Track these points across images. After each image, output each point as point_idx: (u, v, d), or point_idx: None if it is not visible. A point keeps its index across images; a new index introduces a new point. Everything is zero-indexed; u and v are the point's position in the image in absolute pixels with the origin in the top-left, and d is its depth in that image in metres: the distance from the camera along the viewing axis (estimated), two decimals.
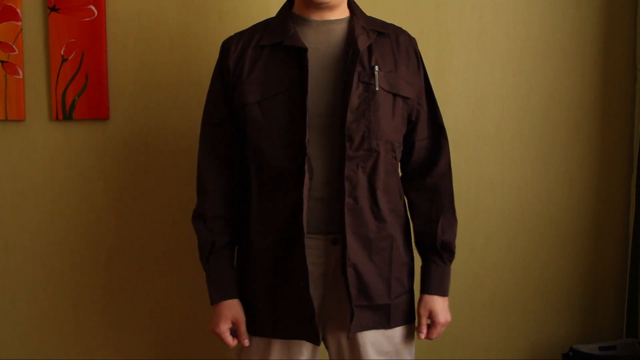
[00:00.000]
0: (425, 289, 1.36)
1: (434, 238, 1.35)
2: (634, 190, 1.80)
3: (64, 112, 1.74)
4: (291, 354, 1.31)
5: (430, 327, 1.36)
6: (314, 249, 1.26)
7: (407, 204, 1.39)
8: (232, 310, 1.31)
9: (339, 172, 1.23)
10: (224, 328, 1.30)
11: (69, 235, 1.80)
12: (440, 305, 1.35)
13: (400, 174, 1.40)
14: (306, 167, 1.21)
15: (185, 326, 1.82)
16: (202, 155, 1.35)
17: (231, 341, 1.31)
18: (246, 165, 1.33)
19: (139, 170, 1.78)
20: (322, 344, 1.33)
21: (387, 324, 1.31)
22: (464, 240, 1.77)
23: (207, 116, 1.37)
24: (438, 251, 1.36)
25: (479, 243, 1.84)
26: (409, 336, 1.37)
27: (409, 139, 1.36)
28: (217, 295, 1.32)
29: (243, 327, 1.31)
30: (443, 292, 1.35)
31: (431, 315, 1.35)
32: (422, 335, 1.35)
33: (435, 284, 1.35)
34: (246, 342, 1.31)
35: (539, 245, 1.86)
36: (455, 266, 1.39)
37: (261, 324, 1.31)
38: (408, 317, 1.35)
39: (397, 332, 1.34)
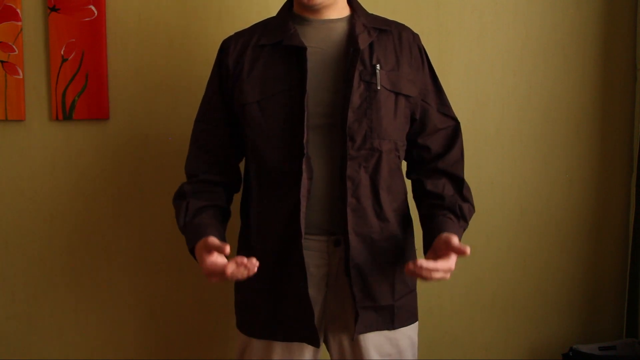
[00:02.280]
0: (445, 230, 1.22)
1: (453, 202, 1.30)
2: (634, 190, 1.80)
3: (64, 112, 1.74)
4: (292, 355, 1.30)
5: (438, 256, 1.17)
6: (315, 250, 1.26)
7: (418, 188, 1.37)
8: (202, 244, 1.15)
9: (341, 172, 1.23)
10: (203, 263, 1.13)
11: (69, 235, 1.79)
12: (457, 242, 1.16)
13: (411, 168, 1.40)
14: (304, 167, 1.20)
15: (185, 326, 1.82)
16: (192, 152, 1.35)
17: (217, 261, 1.11)
18: (246, 165, 1.33)
19: (139, 170, 1.78)
20: (324, 345, 1.33)
21: (391, 325, 1.31)
22: (464, 240, 1.76)
23: (202, 115, 1.36)
24: (456, 213, 1.29)
25: (479, 243, 1.84)
26: (412, 337, 1.36)
27: (418, 138, 1.35)
28: (190, 243, 1.22)
29: (213, 242, 1.12)
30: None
31: (452, 248, 1.15)
32: (431, 257, 1.17)
33: (454, 230, 1.24)
34: (227, 249, 1.10)
35: (539, 245, 1.86)
36: (456, 266, 1.38)
37: (262, 326, 1.30)
38: (411, 318, 1.35)
39: (400, 333, 1.33)
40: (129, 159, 1.78)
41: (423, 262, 1.11)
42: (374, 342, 1.31)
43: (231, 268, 1.10)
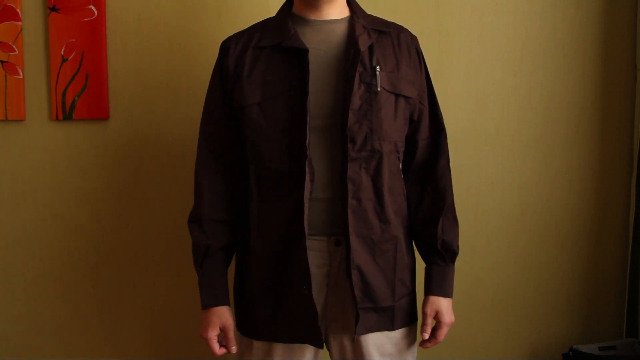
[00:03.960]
0: (429, 290, 1.35)
1: (435, 238, 1.34)
2: (634, 191, 1.80)
3: (64, 112, 1.74)
4: (293, 356, 1.30)
5: (434, 328, 1.35)
6: (316, 250, 1.26)
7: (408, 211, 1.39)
8: (221, 317, 1.31)
9: (342, 174, 1.23)
10: (212, 335, 1.31)
11: (69, 235, 1.79)
12: (445, 306, 1.34)
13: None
14: (307, 168, 1.20)
15: (185, 326, 1.82)
16: (201, 156, 1.34)
17: (217, 350, 1.31)
18: (245, 166, 1.32)
19: (139, 170, 1.78)
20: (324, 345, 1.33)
21: (391, 326, 1.31)
22: (464, 240, 1.76)
23: (206, 116, 1.36)
24: (439, 251, 1.35)
25: (479, 243, 1.84)
26: (412, 337, 1.36)
27: (411, 139, 1.35)
28: (208, 301, 1.32)
29: (231, 334, 1.31)
30: (445, 294, 1.34)
31: (437, 316, 1.34)
32: (427, 335, 1.33)
33: (437, 284, 1.35)
34: (233, 349, 1.32)
35: (539, 245, 1.86)
36: (456, 266, 1.39)
37: (263, 327, 1.30)
38: (411, 319, 1.35)
39: (400, 333, 1.33)
40: (129, 159, 1.78)
41: (429, 344, 1.36)
42: (375, 341, 1.31)
43: (219, 353, 1.32)
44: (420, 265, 1.39)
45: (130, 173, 1.78)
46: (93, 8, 1.72)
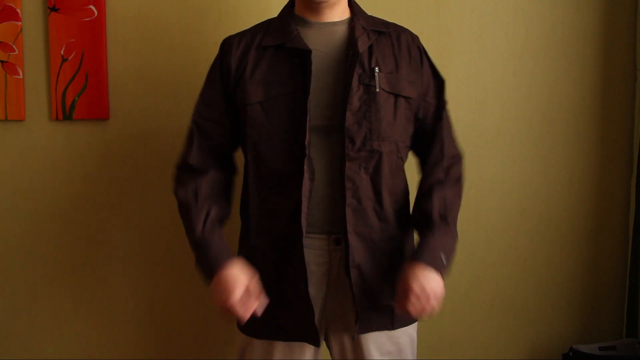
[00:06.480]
0: (416, 254, 1.24)
1: (430, 211, 1.28)
2: (634, 190, 1.80)
3: (64, 112, 1.74)
4: (293, 355, 1.31)
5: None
6: (316, 249, 1.26)
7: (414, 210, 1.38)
8: (242, 270, 1.21)
9: (341, 173, 1.23)
10: (237, 297, 1.17)
11: (69, 235, 1.79)
12: (420, 272, 1.19)
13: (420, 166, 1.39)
14: (306, 167, 1.21)
15: (185, 326, 1.82)
16: (193, 148, 1.32)
17: (245, 312, 1.17)
18: (245, 166, 1.33)
19: (139, 170, 1.78)
20: (324, 344, 1.33)
21: (391, 325, 1.31)
22: (464, 240, 1.77)
23: (200, 112, 1.33)
24: (431, 222, 1.27)
25: (479, 243, 1.84)
26: (412, 335, 1.37)
27: (423, 136, 1.34)
28: (221, 261, 1.22)
29: (253, 285, 1.20)
30: (429, 261, 1.21)
31: (410, 282, 1.18)
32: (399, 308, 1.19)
33: (421, 252, 1.24)
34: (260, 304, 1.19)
35: (539, 245, 1.86)
36: (456, 266, 1.39)
37: (262, 326, 1.30)
38: (411, 318, 1.35)
39: (400, 331, 1.34)
40: (129, 159, 1.78)
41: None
42: (375, 340, 1.31)
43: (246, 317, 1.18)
44: None
45: (130, 173, 1.78)
46: (93, 8, 1.72)
